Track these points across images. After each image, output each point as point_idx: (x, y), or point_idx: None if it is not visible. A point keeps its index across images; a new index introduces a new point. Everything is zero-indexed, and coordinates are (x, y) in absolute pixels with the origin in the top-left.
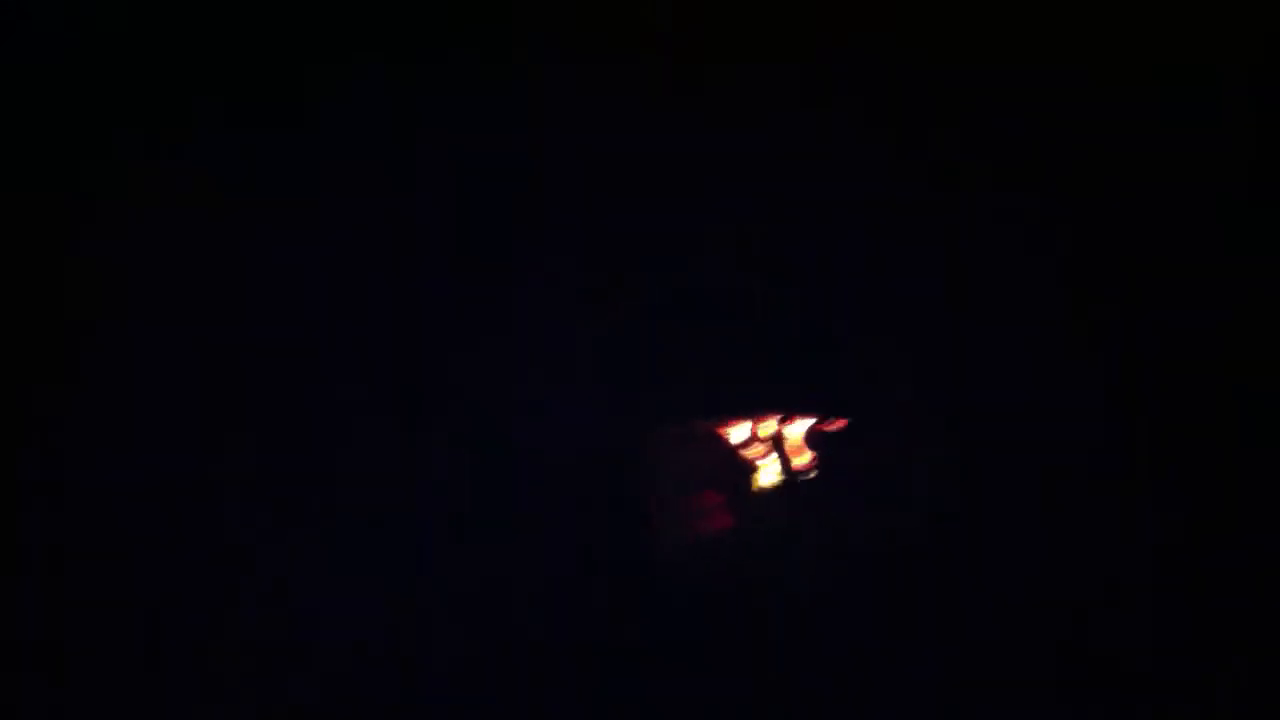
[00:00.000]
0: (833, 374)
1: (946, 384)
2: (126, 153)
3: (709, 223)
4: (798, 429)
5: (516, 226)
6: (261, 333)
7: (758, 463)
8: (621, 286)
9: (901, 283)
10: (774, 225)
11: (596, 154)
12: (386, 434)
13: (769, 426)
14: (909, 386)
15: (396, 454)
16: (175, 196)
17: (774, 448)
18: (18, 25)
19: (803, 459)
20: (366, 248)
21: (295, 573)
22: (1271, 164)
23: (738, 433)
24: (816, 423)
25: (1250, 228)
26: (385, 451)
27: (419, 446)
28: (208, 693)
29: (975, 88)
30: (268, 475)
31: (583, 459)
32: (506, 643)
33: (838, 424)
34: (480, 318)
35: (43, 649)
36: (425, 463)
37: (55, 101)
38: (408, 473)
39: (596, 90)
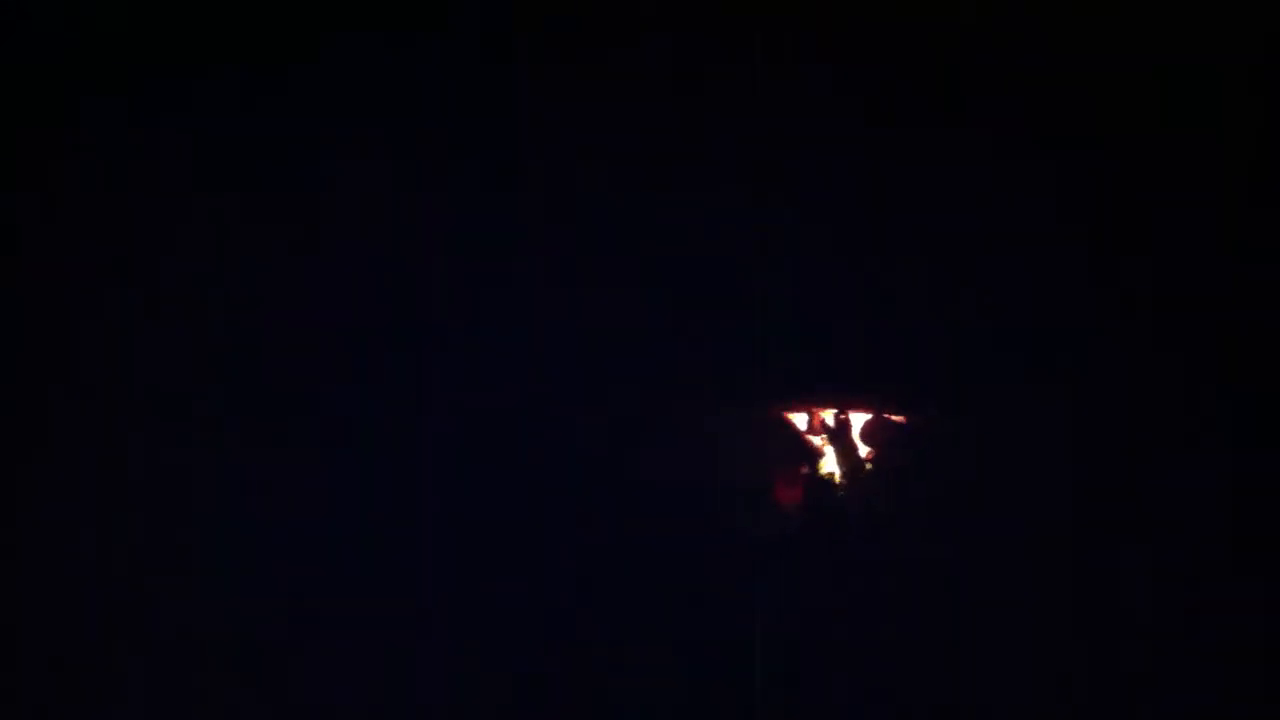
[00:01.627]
0: (898, 370)
1: (1009, 383)
2: (123, 146)
3: (763, 217)
4: (859, 420)
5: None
6: (259, 331)
7: (821, 449)
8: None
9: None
10: (837, 223)
11: (617, 149)
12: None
13: (831, 416)
14: (971, 384)
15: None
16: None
17: (835, 437)
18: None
19: (863, 450)
20: (366, 246)
21: (298, 571)
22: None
23: (800, 420)
24: (876, 416)
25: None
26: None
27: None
28: (209, 694)
29: (977, 83)
30: (268, 470)
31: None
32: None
33: (899, 419)
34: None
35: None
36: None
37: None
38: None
39: (597, 85)
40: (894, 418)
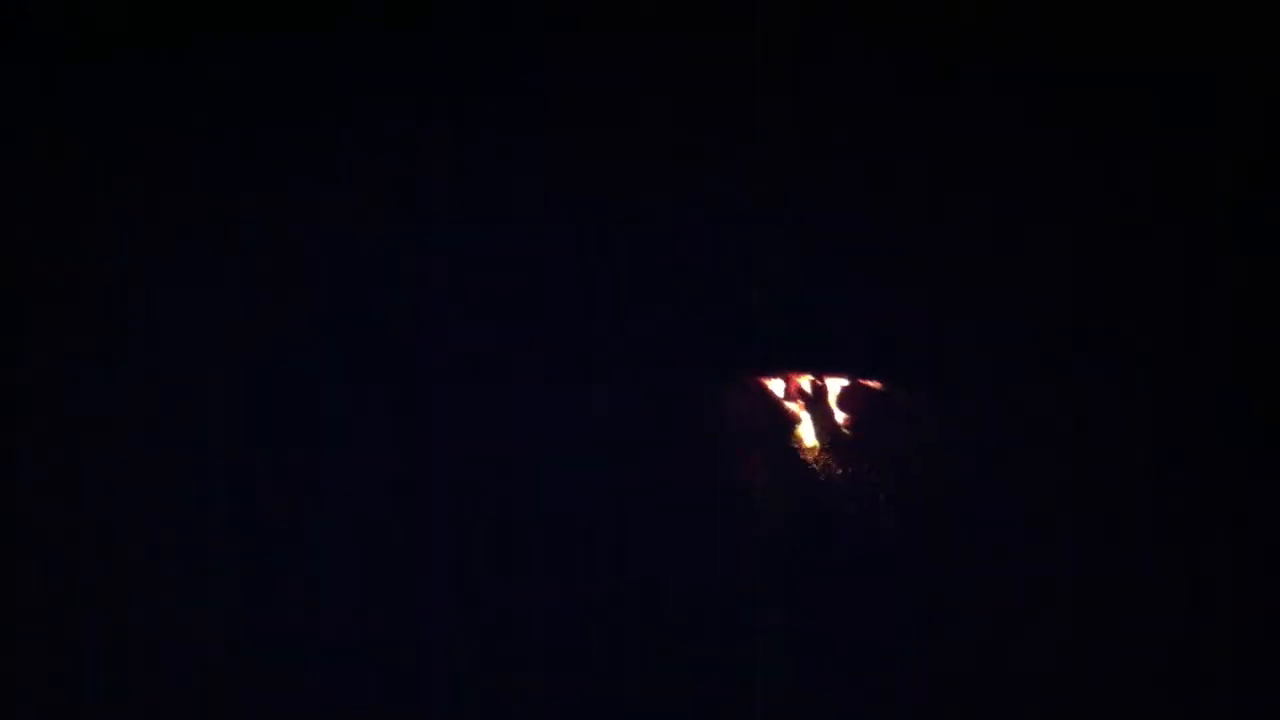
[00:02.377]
0: (870, 335)
1: (984, 351)
2: (124, 146)
3: (741, 187)
4: (835, 386)
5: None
6: (258, 331)
7: (798, 416)
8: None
9: (939, 251)
10: (814, 194)
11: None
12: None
13: (807, 383)
14: (945, 353)
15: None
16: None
17: (812, 404)
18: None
19: (840, 416)
20: (367, 246)
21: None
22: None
23: (777, 387)
24: (853, 382)
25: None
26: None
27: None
28: (212, 694)
29: (976, 81)
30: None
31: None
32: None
33: (874, 384)
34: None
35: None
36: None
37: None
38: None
39: (598, 84)
40: (870, 384)
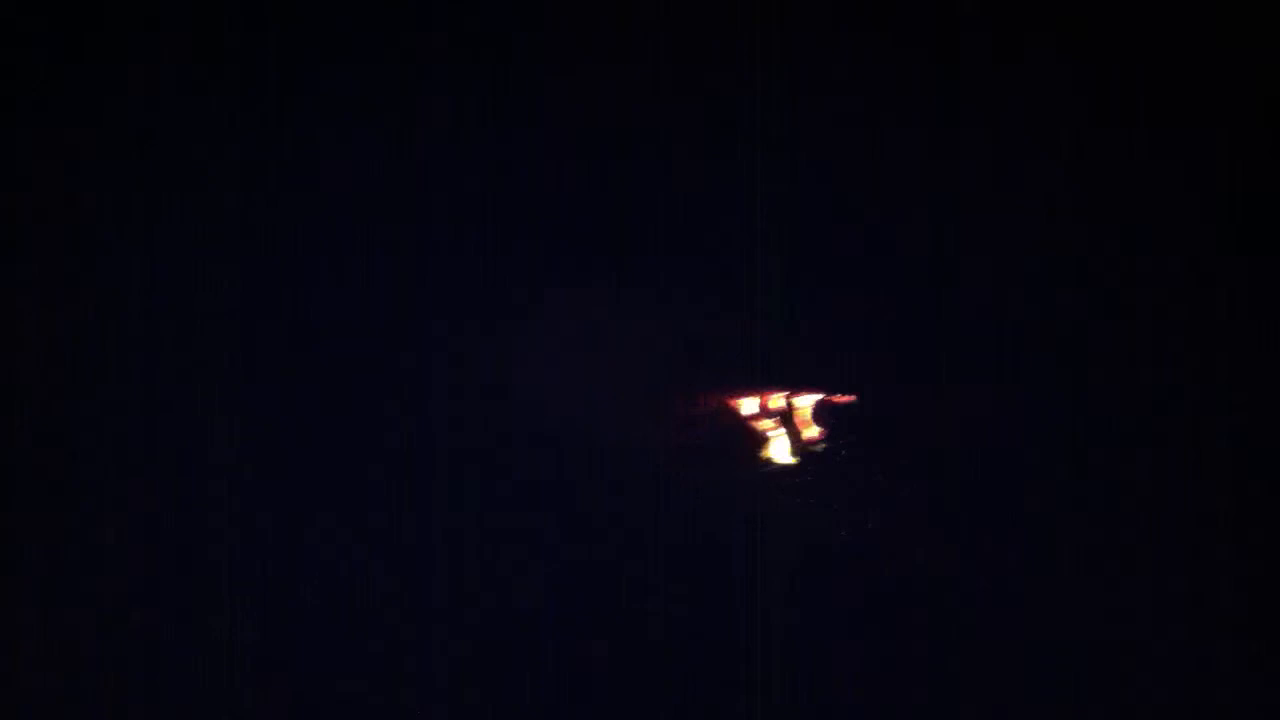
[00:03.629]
0: (841, 352)
1: (947, 367)
2: (122, 142)
3: (714, 202)
4: (806, 402)
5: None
6: (257, 332)
7: (768, 435)
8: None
9: (904, 266)
10: (782, 206)
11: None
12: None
13: (778, 400)
14: (912, 366)
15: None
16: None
17: (783, 421)
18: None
19: (811, 432)
20: (366, 246)
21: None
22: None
23: (748, 406)
24: (824, 398)
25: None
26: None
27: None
28: (212, 692)
29: (975, 83)
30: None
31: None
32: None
33: (845, 399)
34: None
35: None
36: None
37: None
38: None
39: (596, 82)
40: (841, 399)
